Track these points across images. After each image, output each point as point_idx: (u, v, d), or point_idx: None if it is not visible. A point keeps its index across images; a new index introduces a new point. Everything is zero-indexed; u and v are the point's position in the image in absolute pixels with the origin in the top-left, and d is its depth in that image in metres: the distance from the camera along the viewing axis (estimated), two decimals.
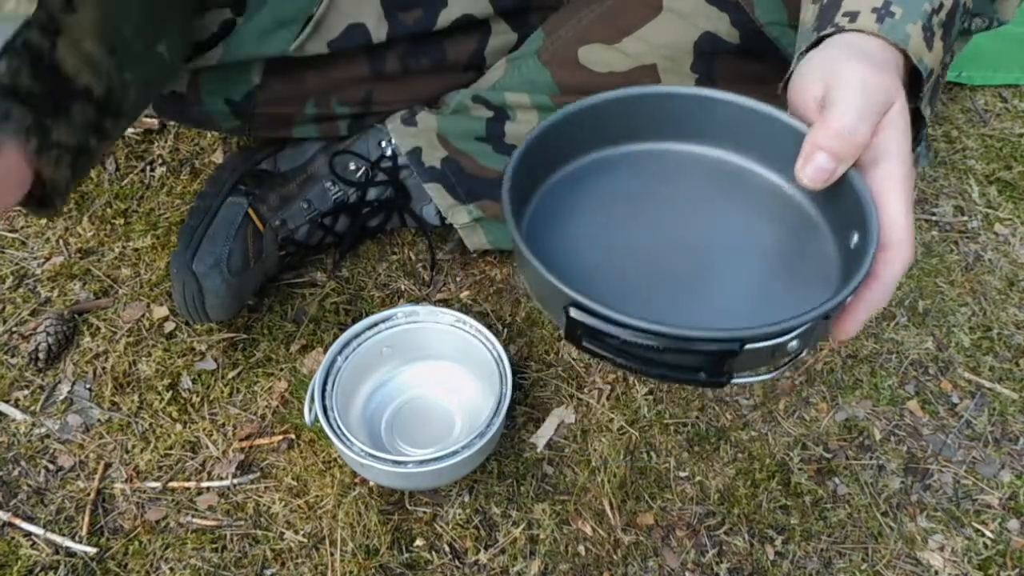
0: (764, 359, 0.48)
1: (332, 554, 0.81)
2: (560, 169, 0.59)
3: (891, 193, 0.52)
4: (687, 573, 0.81)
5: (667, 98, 0.59)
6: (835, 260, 0.55)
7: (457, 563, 0.81)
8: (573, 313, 0.47)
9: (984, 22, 0.67)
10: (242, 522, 0.83)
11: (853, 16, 0.56)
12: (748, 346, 0.46)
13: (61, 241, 1.05)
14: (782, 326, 0.46)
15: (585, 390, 0.92)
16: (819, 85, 0.54)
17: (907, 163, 0.53)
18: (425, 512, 0.84)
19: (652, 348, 0.46)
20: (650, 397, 0.92)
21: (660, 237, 0.57)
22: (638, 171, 0.60)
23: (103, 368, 0.94)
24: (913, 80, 0.58)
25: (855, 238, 0.53)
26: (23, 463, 0.87)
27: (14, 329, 0.97)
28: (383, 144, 0.97)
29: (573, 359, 0.95)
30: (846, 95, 0.51)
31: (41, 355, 0.93)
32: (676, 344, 0.46)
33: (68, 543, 0.81)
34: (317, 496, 0.84)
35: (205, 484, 0.85)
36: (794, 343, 0.47)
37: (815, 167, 0.53)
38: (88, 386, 0.92)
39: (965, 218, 1.08)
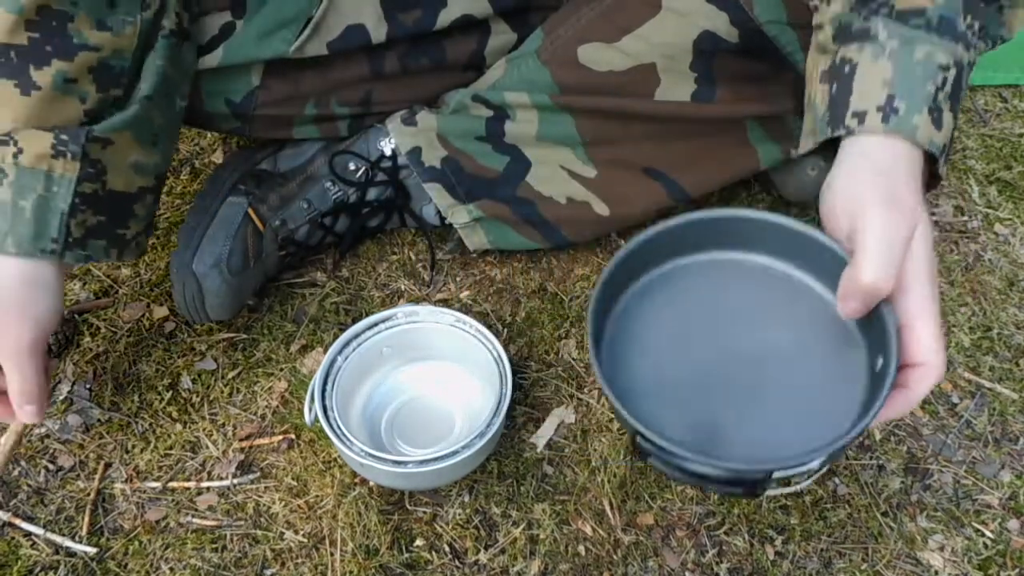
0: (790, 480, 0.60)
1: (332, 554, 0.81)
2: (632, 285, 0.69)
3: (922, 317, 0.58)
4: (687, 573, 0.81)
5: (731, 221, 0.68)
6: (864, 378, 0.63)
7: (457, 563, 0.81)
8: (639, 440, 0.59)
9: (988, 45, 0.67)
10: (242, 522, 0.83)
11: (861, 118, 0.60)
12: (776, 474, 0.58)
13: None
14: (802, 460, 0.57)
15: (585, 390, 0.92)
16: (846, 221, 0.60)
17: (934, 282, 0.59)
18: (425, 512, 0.84)
19: (700, 473, 0.58)
20: None
21: (723, 347, 0.67)
22: (705, 280, 0.69)
23: (103, 368, 0.94)
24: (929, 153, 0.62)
25: (880, 362, 0.61)
26: (23, 463, 0.87)
27: None
28: (383, 144, 0.97)
29: (573, 359, 0.95)
30: (871, 246, 0.57)
31: None
32: (719, 474, 0.57)
33: (68, 543, 0.81)
34: (317, 496, 0.84)
35: (205, 484, 0.85)
36: (815, 464, 0.58)
37: (850, 309, 0.60)
38: (88, 386, 0.92)
39: (965, 218, 1.08)
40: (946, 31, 0.61)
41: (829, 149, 0.67)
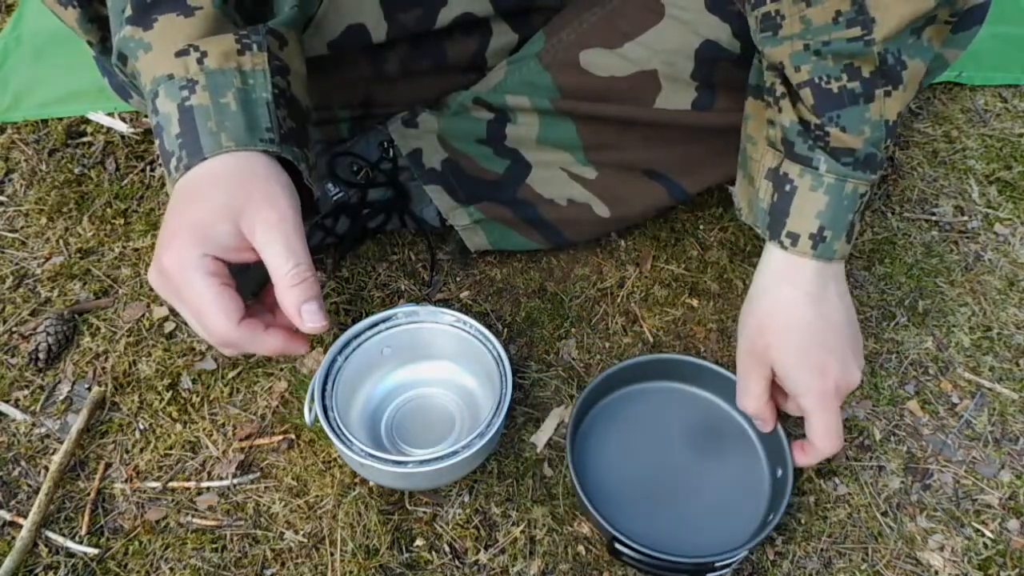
0: (726, 568, 0.77)
1: (332, 554, 0.81)
2: (599, 402, 0.89)
3: (814, 413, 0.76)
4: None
5: (671, 362, 0.90)
6: (767, 482, 0.84)
7: (457, 563, 0.81)
8: (617, 545, 0.76)
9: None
10: (242, 522, 0.83)
11: (794, 240, 0.73)
12: (717, 564, 0.76)
13: (61, 241, 1.05)
14: (734, 555, 0.75)
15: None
16: (763, 345, 0.76)
17: (820, 390, 0.74)
18: (425, 512, 0.84)
19: (667, 566, 0.76)
20: None
21: (660, 457, 0.86)
22: (649, 403, 0.90)
23: (103, 368, 0.94)
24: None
25: (779, 471, 0.83)
26: (23, 463, 0.87)
27: (14, 329, 0.97)
28: (383, 145, 0.97)
29: (573, 359, 0.95)
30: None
31: (41, 355, 0.93)
32: (675, 565, 0.76)
33: (68, 543, 0.81)
34: (317, 496, 0.84)
35: (205, 484, 0.85)
36: (743, 554, 0.77)
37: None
38: (88, 386, 0.92)
39: (965, 218, 1.08)
40: (870, 165, 0.71)
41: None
